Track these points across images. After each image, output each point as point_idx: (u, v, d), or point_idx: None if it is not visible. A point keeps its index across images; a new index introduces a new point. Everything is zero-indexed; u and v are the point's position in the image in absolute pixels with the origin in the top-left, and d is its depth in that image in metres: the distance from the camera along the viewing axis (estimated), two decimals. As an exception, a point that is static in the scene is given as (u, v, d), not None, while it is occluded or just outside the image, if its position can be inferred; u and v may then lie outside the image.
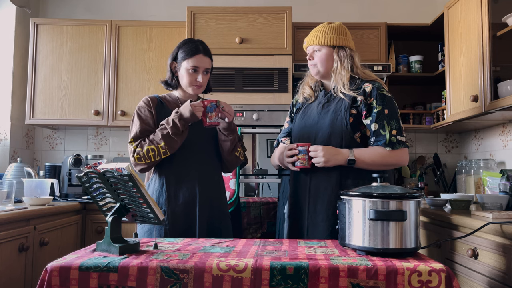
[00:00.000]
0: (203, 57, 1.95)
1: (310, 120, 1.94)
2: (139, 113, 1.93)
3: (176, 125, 1.82)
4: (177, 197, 1.89)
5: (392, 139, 1.79)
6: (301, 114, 2.01)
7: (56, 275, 1.22)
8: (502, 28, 2.37)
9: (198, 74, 1.94)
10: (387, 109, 1.82)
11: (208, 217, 1.91)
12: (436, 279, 1.20)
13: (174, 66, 1.99)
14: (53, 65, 3.37)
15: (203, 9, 3.15)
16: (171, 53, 2.01)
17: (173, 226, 1.85)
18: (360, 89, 1.85)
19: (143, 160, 1.83)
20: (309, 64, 1.97)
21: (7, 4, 3.35)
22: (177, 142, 1.85)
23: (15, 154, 3.42)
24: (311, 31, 1.99)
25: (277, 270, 1.21)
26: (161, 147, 1.82)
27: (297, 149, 1.84)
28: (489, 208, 2.07)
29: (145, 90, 3.34)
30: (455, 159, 3.58)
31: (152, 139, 1.84)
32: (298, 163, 1.84)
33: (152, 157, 1.82)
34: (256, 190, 2.98)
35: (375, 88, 1.85)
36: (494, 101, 2.35)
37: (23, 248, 2.15)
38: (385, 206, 1.35)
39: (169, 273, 1.21)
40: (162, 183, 1.90)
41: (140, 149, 1.84)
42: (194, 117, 1.82)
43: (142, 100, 1.96)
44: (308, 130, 1.93)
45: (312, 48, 1.95)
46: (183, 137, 1.86)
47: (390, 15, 3.66)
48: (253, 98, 3.02)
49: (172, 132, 1.82)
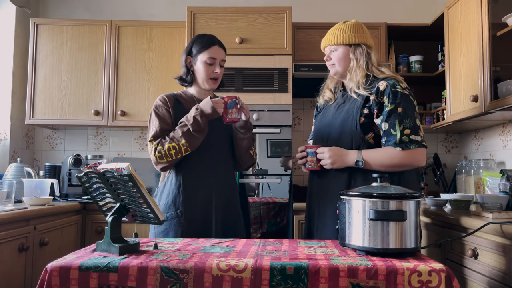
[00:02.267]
0: (219, 48, 1.95)
1: (326, 121, 1.93)
2: (157, 112, 1.91)
3: (198, 122, 1.81)
4: (194, 198, 1.88)
5: (404, 138, 1.71)
6: (320, 115, 2.01)
7: (56, 275, 1.22)
8: (502, 28, 2.37)
9: (216, 66, 1.93)
10: (400, 107, 1.74)
11: (223, 218, 1.91)
12: (436, 279, 1.20)
13: (189, 60, 1.97)
14: (53, 65, 3.37)
15: (203, 9, 3.15)
16: (185, 49, 1.99)
17: (190, 227, 1.84)
18: (374, 87, 1.80)
19: (164, 158, 1.82)
20: (328, 64, 1.95)
21: (7, 4, 3.35)
22: (198, 139, 1.84)
23: (15, 154, 3.42)
24: (328, 32, 1.96)
25: (277, 270, 1.21)
26: (182, 144, 1.81)
27: (306, 151, 1.84)
28: (489, 208, 2.07)
29: (145, 90, 3.34)
30: (455, 159, 3.58)
31: (173, 136, 1.83)
32: (307, 165, 1.85)
33: (173, 155, 1.81)
34: (256, 190, 2.98)
35: (389, 85, 1.77)
36: (494, 101, 2.35)
37: (23, 248, 2.15)
38: (385, 206, 1.35)
39: (169, 273, 1.21)
40: (179, 184, 1.89)
41: (161, 147, 1.83)
42: (215, 113, 1.81)
43: (159, 99, 1.95)
44: (323, 131, 1.92)
45: (329, 48, 1.93)
46: (203, 134, 1.85)
47: (390, 15, 3.66)
48: (253, 98, 3.01)
49: (193, 129, 1.81)
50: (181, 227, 1.84)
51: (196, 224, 1.86)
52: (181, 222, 1.85)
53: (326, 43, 1.95)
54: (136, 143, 3.70)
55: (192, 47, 1.97)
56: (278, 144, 3.00)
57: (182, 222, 1.84)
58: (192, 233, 1.84)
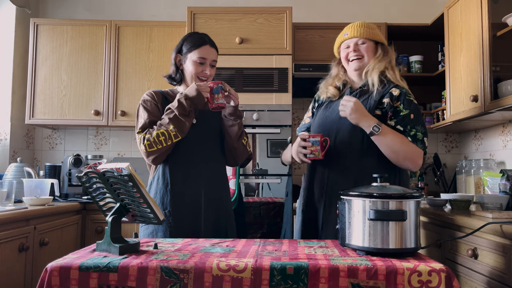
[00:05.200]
0: (210, 48, 1.90)
1: (333, 115, 1.92)
2: (145, 106, 1.86)
3: (183, 105, 1.75)
4: (183, 197, 1.83)
5: (418, 136, 1.80)
6: (324, 108, 2.00)
7: (56, 275, 1.22)
8: (502, 28, 2.37)
9: (206, 66, 1.89)
10: (413, 114, 1.83)
11: (213, 218, 1.87)
12: (436, 279, 1.20)
13: (179, 59, 1.93)
14: (53, 65, 3.37)
15: (203, 9, 3.15)
16: (175, 47, 1.95)
17: (178, 227, 1.80)
18: (387, 91, 1.86)
19: (154, 146, 1.75)
20: (354, 55, 1.93)
21: (7, 4, 3.35)
22: (185, 124, 1.78)
23: (15, 154, 3.42)
24: (351, 25, 1.95)
25: (277, 270, 1.21)
26: (170, 130, 1.75)
27: (309, 140, 1.82)
28: (489, 208, 2.07)
29: (145, 90, 3.32)
30: (455, 159, 3.58)
31: (160, 124, 1.78)
32: (310, 154, 1.83)
33: (163, 141, 1.74)
34: (256, 190, 2.98)
35: (403, 93, 1.85)
36: (494, 101, 2.35)
37: (23, 248, 2.15)
38: (385, 206, 1.35)
39: (169, 273, 1.21)
40: (166, 183, 1.83)
41: (149, 135, 1.76)
42: (200, 96, 1.76)
43: (146, 94, 1.90)
44: (330, 125, 1.91)
45: (356, 40, 1.92)
46: (191, 117, 1.79)
47: (390, 15, 3.66)
48: (253, 98, 3.02)
49: (179, 112, 1.75)
50: (169, 227, 1.79)
51: (185, 224, 1.81)
52: (169, 222, 1.80)
53: (354, 34, 1.92)
54: (136, 143, 3.70)
55: (183, 45, 1.93)
56: (278, 144, 3.00)
57: (170, 222, 1.80)
58: (181, 233, 1.79)
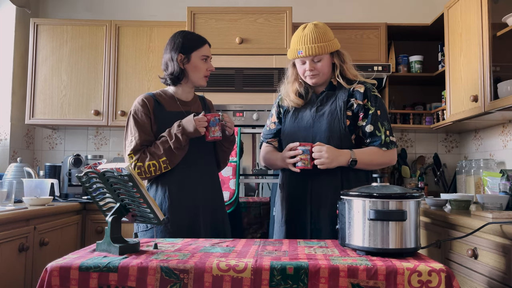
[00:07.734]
0: (208, 46, 1.97)
1: (304, 123, 1.91)
2: (136, 118, 1.85)
3: (179, 140, 1.79)
4: (181, 204, 1.85)
5: (387, 139, 1.85)
6: (292, 116, 1.96)
7: (56, 275, 1.22)
8: (502, 28, 2.37)
9: (209, 63, 1.96)
10: (379, 110, 1.86)
11: (211, 221, 1.90)
12: (436, 279, 1.20)
13: (181, 58, 1.90)
14: (53, 65, 3.37)
15: (203, 9, 3.15)
16: (174, 47, 1.90)
17: (177, 233, 1.80)
18: (352, 90, 1.88)
19: (143, 175, 1.81)
20: (310, 74, 1.88)
21: (7, 4, 3.35)
22: (178, 157, 1.83)
23: (15, 154, 3.42)
24: (303, 41, 1.86)
25: (277, 270, 1.21)
26: (162, 162, 1.80)
27: (299, 148, 1.79)
28: (489, 208, 2.07)
29: (145, 90, 3.33)
30: (455, 159, 3.58)
31: (153, 152, 1.80)
32: (299, 163, 1.80)
33: (153, 172, 1.81)
34: (256, 190, 2.98)
35: (368, 89, 1.88)
36: (494, 101, 2.35)
37: (23, 248, 2.15)
38: (385, 206, 1.35)
39: (169, 273, 1.21)
40: (164, 190, 1.86)
41: (141, 164, 1.80)
42: (197, 132, 1.80)
43: (138, 102, 1.89)
44: (304, 134, 1.90)
45: (311, 58, 1.86)
46: (184, 151, 1.84)
47: (390, 15, 3.66)
48: (253, 98, 3.02)
49: (174, 146, 1.79)
50: (168, 233, 1.81)
51: (183, 230, 1.82)
52: (167, 228, 1.81)
53: (308, 53, 1.84)
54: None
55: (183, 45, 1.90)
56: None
57: (169, 229, 1.81)
58: None
